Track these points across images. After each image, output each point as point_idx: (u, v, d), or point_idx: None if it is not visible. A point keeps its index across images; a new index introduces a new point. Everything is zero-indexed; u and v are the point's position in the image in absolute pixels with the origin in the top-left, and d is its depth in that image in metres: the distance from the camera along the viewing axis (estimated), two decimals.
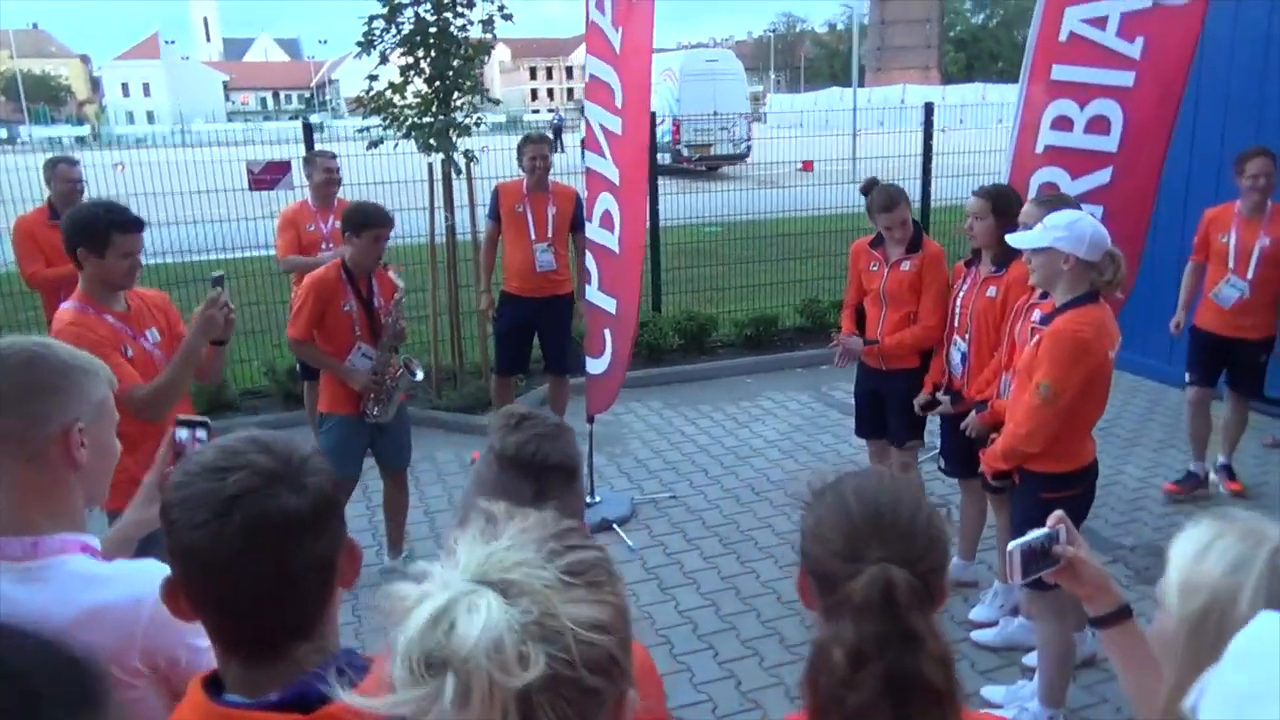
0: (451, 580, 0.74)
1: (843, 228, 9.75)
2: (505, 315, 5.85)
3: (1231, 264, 5.02)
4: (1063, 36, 4.97)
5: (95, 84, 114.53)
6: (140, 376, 2.90)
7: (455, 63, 6.50)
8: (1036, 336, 3.08)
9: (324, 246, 5.65)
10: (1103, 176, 4.97)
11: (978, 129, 14.69)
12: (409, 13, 6.33)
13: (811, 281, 9.29)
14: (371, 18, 6.32)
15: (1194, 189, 6.38)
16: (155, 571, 1.44)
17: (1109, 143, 4.94)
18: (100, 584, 1.39)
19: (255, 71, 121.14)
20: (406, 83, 6.53)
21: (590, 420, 4.95)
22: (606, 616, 0.77)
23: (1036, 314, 3.29)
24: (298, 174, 6.78)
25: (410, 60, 6.46)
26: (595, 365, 4.42)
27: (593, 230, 4.34)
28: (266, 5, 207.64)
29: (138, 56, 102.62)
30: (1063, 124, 5.02)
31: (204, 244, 8.71)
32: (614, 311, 4.28)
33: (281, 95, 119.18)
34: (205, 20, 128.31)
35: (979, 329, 3.94)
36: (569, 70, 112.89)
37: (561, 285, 5.78)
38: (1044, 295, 3.22)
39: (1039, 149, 5.03)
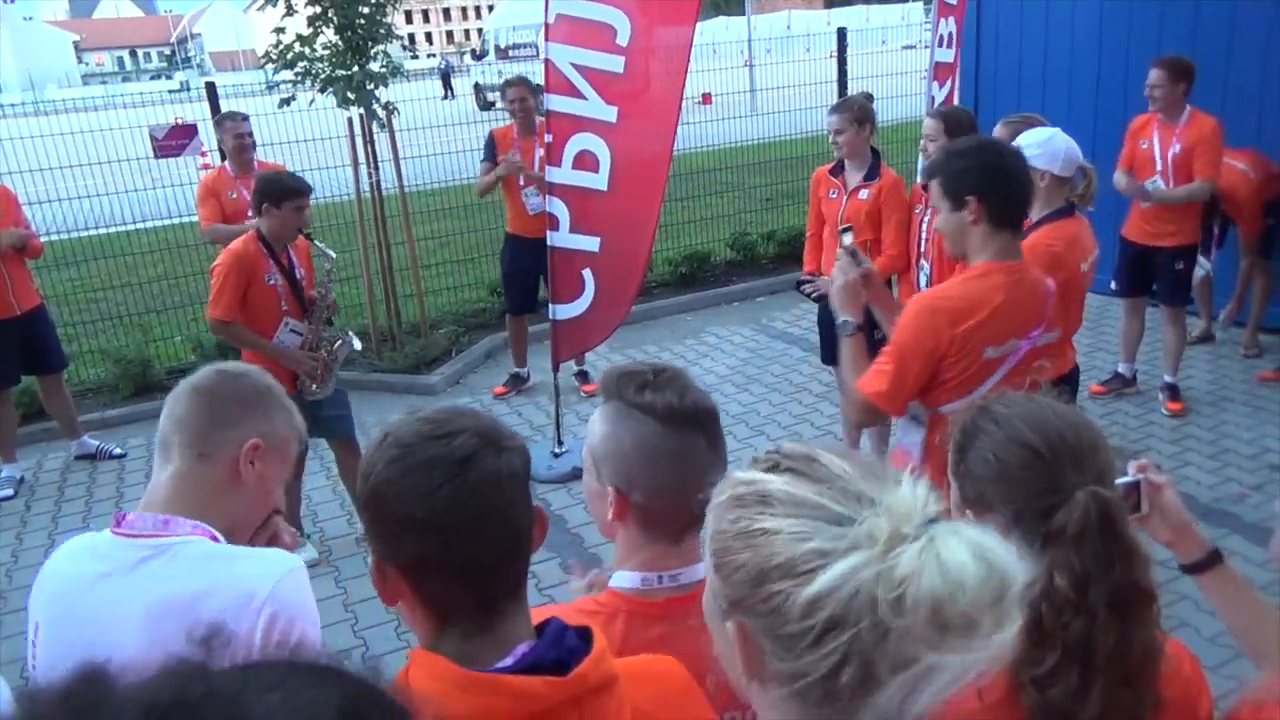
0: (906, 528, 0.73)
1: (749, 160, 9.79)
2: (509, 256, 6.05)
3: (1159, 167, 5.08)
4: None
5: None
6: None
7: (364, 9, 6.24)
8: None
9: (250, 214, 5.38)
10: (948, 86, 5.68)
11: (867, 53, 14.64)
12: None
13: (734, 216, 9.32)
14: None
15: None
16: (278, 553, 1.49)
17: (949, 54, 5.67)
18: (225, 559, 1.42)
19: (108, 29, 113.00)
20: (316, 34, 6.23)
21: (556, 368, 4.92)
22: None
23: None
24: (207, 137, 6.42)
25: (318, 10, 6.15)
26: (567, 310, 4.42)
27: (561, 174, 4.30)
28: None
29: None
30: (939, 40, 5.62)
31: (87, 221, 7.96)
32: (597, 250, 4.33)
33: (140, 53, 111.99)
34: None
35: (939, 252, 4.03)
36: (446, 12, 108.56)
37: None
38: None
39: (931, 65, 5.61)
